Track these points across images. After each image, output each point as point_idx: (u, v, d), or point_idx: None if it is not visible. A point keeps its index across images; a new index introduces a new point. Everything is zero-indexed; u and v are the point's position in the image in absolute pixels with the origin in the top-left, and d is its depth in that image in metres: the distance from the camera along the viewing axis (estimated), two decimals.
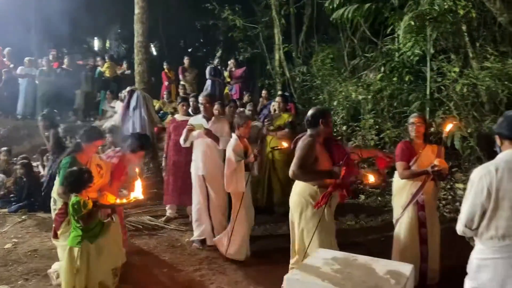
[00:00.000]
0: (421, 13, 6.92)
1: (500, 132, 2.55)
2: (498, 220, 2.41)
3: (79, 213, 3.35)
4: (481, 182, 2.43)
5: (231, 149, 4.77)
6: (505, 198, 2.38)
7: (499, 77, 6.59)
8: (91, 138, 3.91)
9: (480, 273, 2.49)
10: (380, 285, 2.62)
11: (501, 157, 2.48)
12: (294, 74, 10.78)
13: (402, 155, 4.06)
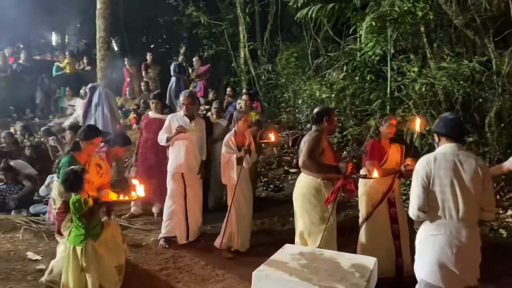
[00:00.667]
0: (382, 14, 7.12)
1: (438, 131, 3.03)
2: (436, 201, 2.86)
3: (80, 211, 3.35)
4: (424, 170, 2.89)
5: (224, 142, 4.94)
6: (441, 183, 2.84)
7: (455, 77, 6.90)
8: (90, 136, 3.87)
9: (424, 247, 2.95)
10: (346, 278, 2.69)
11: (439, 150, 2.97)
12: (259, 72, 10.84)
13: (373, 155, 4.15)
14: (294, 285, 2.68)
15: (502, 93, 6.71)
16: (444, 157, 2.88)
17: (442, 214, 2.86)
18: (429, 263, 2.90)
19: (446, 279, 2.84)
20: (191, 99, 5.31)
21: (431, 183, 2.86)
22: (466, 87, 6.76)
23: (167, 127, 5.24)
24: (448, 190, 2.82)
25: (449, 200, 2.83)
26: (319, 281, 2.65)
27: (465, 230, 2.83)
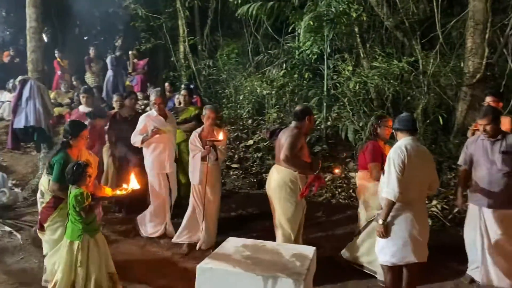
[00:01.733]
0: (319, 14, 7.39)
1: (397, 128, 3.56)
2: (408, 184, 3.33)
3: (81, 205, 3.34)
4: (399, 158, 3.35)
5: (189, 140, 4.99)
6: (412, 169, 3.34)
7: (386, 76, 7.31)
8: (77, 131, 3.84)
9: (396, 225, 3.43)
10: (287, 267, 2.82)
11: (404, 142, 3.44)
12: (200, 67, 10.78)
13: (375, 157, 4.12)
14: (238, 276, 2.77)
15: (427, 91, 7.22)
16: (412, 147, 3.41)
17: (411, 195, 3.38)
18: (402, 238, 3.40)
19: (417, 250, 3.42)
20: (162, 98, 5.33)
21: (404, 169, 3.33)
22: (395, 86, 7.19)
23: (142, 129, 5.16)
24: (414, 173, 3.35)
25: (415, 182, 3.38)
26: (262, 271, 2.76)
27: (423, 206, 3.56)
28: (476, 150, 3.99)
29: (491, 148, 3.88)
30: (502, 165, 3.81)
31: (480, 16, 7.02)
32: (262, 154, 7.66)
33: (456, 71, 7.28)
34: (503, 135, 3.89)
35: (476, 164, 3.99)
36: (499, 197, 3.83)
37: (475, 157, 4.00)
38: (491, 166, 3.85)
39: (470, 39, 7.15)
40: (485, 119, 3.84)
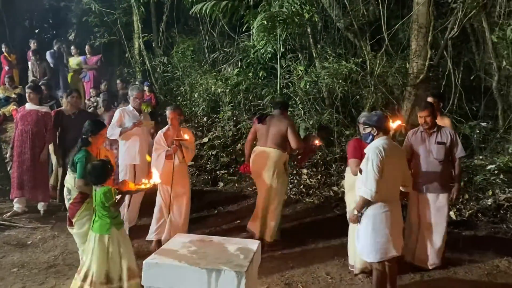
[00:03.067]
0: (272, 14, 7.54)
1: (376, 126, 3.58)
2: (387, 183, 3.46)
3: (110, 200, 3.52)
4: (378, 158, 3.43)
5: (154, 140, 5.08)
6: (390, 169, 3.46)
7: (335, 76, 7.58)
8: (96, 129, 4.06)
9: (378, 224, 3.51)
10: (231, 260, 2.95)
11: (381, 142, 3.53)
12: (155, 64, 10.69)
13: (354, 153, 4.27)
14: (183, 270, 2.86)
15: (374, 91, 7.57)
16: (389, 147, 3.52)
17: (389, 193, 3.53)
18: (384, 234, 3.52)
19: (396, 244, 3.57)
20: (141, 94, 5.53)
21: (384, 168, 3.44)
22: (344, 86, 7.48)
23: (117, 121, 5.24)
24: (392, 172, 3.50)
25: (392, 180, 3.54)
26: (206, 264, 2.87)
27: (398, 202, 3.66)
28: (415, 141, 4.45)
29: (428, 139, 4.39)
30: (437, 154, 4.33)
31: (423, 20, 7.39)
32: (217, 151, 7.75)
33: (402, 72, 7.66)
34: (438, 128, 4.41)
35: (415, 153, 4.44)
36: (434, 182, 4.33)
37: (414, 147, 4.45)
38: (428, 155, 4.35)
39: (414, 41, 7.52)
40: (426, 111, 4.35)
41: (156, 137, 5.06)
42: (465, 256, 4.67)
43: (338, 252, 4.75)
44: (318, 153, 7.31)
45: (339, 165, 7.13)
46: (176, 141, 4.86)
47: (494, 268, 4.51)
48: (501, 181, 5.97)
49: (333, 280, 4.25)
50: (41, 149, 5.79)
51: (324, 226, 5.68)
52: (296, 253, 4.85)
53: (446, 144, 4.34)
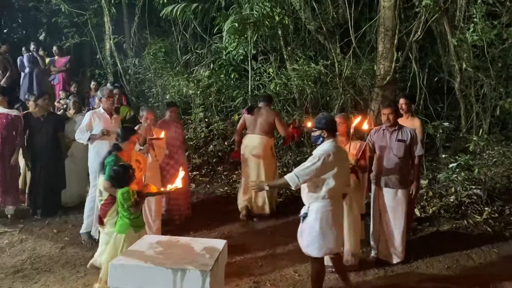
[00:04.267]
0: (243, 17, 7.63)
1: (327, 128, 3.66)
2: (332, 182, 3.57)
3: (128, 201, 3.68)
4: (324, 161, 3.51)
5: None
6: (339, 170, 3.58)
7: (306, 78, 7.73)
8: (128, 136, 4.24)
9: (325, 221, 3.62)
10: (196, 260, 3.01)
11: (331, 144, 3.63)
12: (127, 66, 10.62)
13: None
14: (149, 270, 2.91)
15: (343, 92, 7.76)
16: (337, 149, 3.65)
17: (335, 192, 3.64)
18: (331, 232, 3.65)
19: (339, 243, 3.80)
20: (112, 94, 5.59)
21: (328, 169, 3.54)
22: (314, 87, 7.64)
23: (87, 124, 5.15)
24: (338, 173, 3.59)
25: (340, 181, 3.64)
26: (172, 264, 2.93)
27: (341, 201, 3.83)
28: (378, 138, 4.68)
29: (389, 136, 4.60)
30: (397, 151, 4.54)
31: (390, 23, 7.62)
32: (189, 153, 7.78)
33: (370, 73, 7.87)
34: (399, 127, 4.62)
35: (377, 150, 4.67)
36: (393, 178, 4.55)
37: (376, 144, 4.67)
38: (389, 152, 4.57)
39: (381, 43, 7.74)
40: (389, 108, 4.59)
41: None
42: (427, 251, 4.84)
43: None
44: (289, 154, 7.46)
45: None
46: (150, 140, 4.89)
47: (454, 262, 4.71)
48: (462, 178, 6.21)
49: (301, 277, 4.36)
50: (11, 152, 5.71)
51: (294, 225, 5.76)
52: (266, 252, 4.94)
53: (406, 142, 4.53)
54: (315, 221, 3.63)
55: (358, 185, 4.52)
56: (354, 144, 4.45)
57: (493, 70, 7.05)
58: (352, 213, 4.43)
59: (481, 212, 5.87)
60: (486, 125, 7.15)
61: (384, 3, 7.54)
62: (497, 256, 4.83)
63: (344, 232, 4.34)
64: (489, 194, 6.08)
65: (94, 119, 5.19)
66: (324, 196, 3.59)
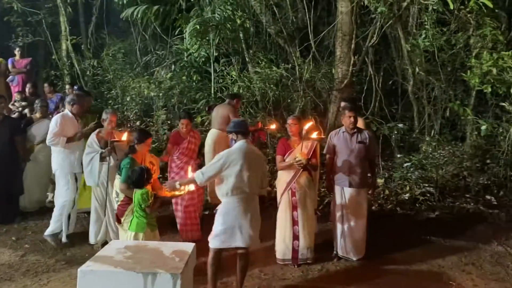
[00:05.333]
0: (204, 20, 7.67)
1: (236, 131, 3.94)
2: (234, 180, 3.74)
3: (146, 202, 3.90)
4: (228, 159, 3.76)
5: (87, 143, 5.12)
6: (239, 168, 3.72)
7: (268, 80, 7.88)
8: (143, 138, 4.40)
9: (225, 216, 3.82)
10: (166, 263, 3.05)
11: (240, 144, 3.87)
12: (84, 67, 10.36)
13: (279, 150, 4.83)
14: (119, 275, 2.92)
15: (304, 95, 7.97)
16: (241, 149, 3.82)
17: (241, 190, 3.78)
18: (231, 227, 3.80)
19: (245, 237, 3.82)
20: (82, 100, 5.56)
21: (231, 168, 3.74)
22: (276, 90, 7.80)
23: (59, 130, 5.07)
24: (243, 173, 3.75)
25: (244, 180, 3.76)
26: (142, 268, 2.95)
27: (252, 200, 3.89)
28: (339, 141, 4.85)
29: (350, 139, 4.79)
30: (358, 153, 4.75)
31: (347, 28, 7.91)
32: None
33: (329, 77, 8.13)
34: (358, 130, 4.85)
35: (339, 152, 4.83)
36: (356, 178, 4.74)
37: (338, 147, 4.85)
38: (351, 153, 4.76)
39: (339, 48, 8.03)
40: (353, 111, 4.82)
41: (88, 140, 5.02)
42: (384, 246, 5.08)
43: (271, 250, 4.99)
44: None
45: (272, 166, 7.40)
46: (112, 143, 4.85)
47: (410, 256, 4.97)
48: (416, 177, 6.57)
49: (266, 277, 4.48)
50: None
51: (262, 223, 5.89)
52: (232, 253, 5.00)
53: (366, 143, 4.78)
54: (219, 216, 3.87)
55: (311, 183, 4.82)
56: (305, 143, 4.71)
57: (443, 74, 7.49)
58: (306, 208, 4.73)
59: (434, 208, 6.22)
60: (437, 126, 7.58)
61: (341, 8, 7.82)
62: (449, 250, 5.15)
63: (299, 227, 4.68)
64: (440, 191, 6.46)
65: (65, 123, 5.13)
66: (228, 193, 3.79)
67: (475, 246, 5.26)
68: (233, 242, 3.84)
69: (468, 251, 5.11)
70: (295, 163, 4.59)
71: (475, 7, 6.43)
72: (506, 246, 5.25)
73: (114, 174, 4.92)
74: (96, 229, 5.10)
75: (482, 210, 6.17)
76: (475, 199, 6.40)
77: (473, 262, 4.83)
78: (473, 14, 6.72)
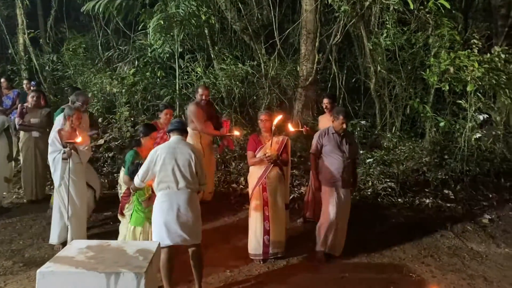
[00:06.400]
0: (168, 15, 7.55)
1: (170, 129, 4.04)
2: (165, 177, 3.82)
3: (143, 196, 4.07)
4: (155, 154, 3.86)
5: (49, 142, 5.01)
6: (165, 164, 3.81)
7: (233, 77, 7.87)
8: (148, 132, 4.46)
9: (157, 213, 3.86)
10: (130, 263, 2.99)
11: (171, 141, 3.97)
12: (43, 62, 9.99)
13: (250, 146, 4.83)
14: (80, 276, 2.84)
15: (269, 92, 8.00)
16: (169, 145, 3.93)
17: (167, 186, 3.83)
18: (160, 225, 3.83)
19: (175, 236, 3.82)
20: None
21: (157, 163, 3.82)
22: (242, 87, 7.79)
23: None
24: (168, 167, 3.82)
25: (169, 175, 3.82)
26: (105, 268, 2.88)
27: (183, 196, 3.84)
28: (329, 142, 4.81)
29: (340, 141, 4.81)
30: (349, 154, 4.79)
31: (311, 26, 8.02)
32: (114, 153, 7.55)
33: (294, 74, 8.20)
34: (345, 131, 4.85)
35: (329, 153, 4.79)
36: (348, 178, 4.80)
37: (328, 147, 4.80)
38: (342, 155, 4.76)
39: (304, 46, 8.12)
40: (346, 118, 4.81)
41: (50, 139, 4.88)
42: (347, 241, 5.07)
43: (237, 246, 5.00)
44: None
45: (238, 163, 7.42)
46: (70, 144, 4.71)
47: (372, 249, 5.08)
48: (378, 172, 6.74)
49: (232, 273, 4.48)
50: None
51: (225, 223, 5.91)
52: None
53: (353, 144, 4.88)
54: (153, 213, 3.93)
55: (282, 178, 4.84)
56: (276, 139, 4.74)
57: (404, 72, 7.71)
58: (276, 203, 4.75)
59: (395, 203, 6.41)
60: (398, 123, 7.80)
61: (306, 6, 7.91)
62: (409, 243, 5.32)
63: (270, 222, 4.68)
64: (401, 186, 6.65)
65: None
66: (157, 188, 3.88)
67: (434, 239, 5.46)
68: (163, 240, 3.79)
69: (427, 244, 5.30)
70: (265, 158, 4.62)
71: (433, 7, 6.65)
72: (462, 239, 5.47)
73: (80, 173, 4.93)
74: (59, 229, 4.95)
75: (440, 204, 6.40)
76: (434, 194, 6.61)
77: (432, 254, 5.01)
78: (432, 15, 6.93)
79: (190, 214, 3.88)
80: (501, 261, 4.89)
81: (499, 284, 4.38)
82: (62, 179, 4.85)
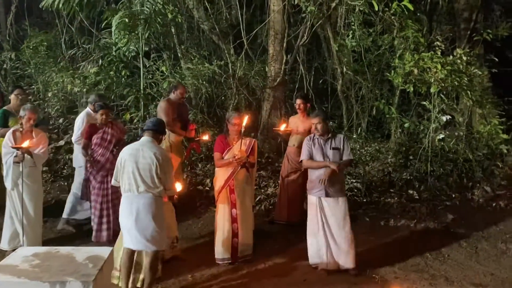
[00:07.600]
0: (133, 13, 7.34)
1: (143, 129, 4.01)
2: (126, 179, 3.81)
3: None
4: (121, 154, 3.87)
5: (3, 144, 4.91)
6: (128, 166, 3.79)
7: (201, 77, 7.73)
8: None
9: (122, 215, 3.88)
10: (78, 270, 2.82)
11: (139, 142, 3.93)
12: (2, 60, 9.57)
13: (217, 147, 4.75)
14: (22, 286, 2.67)
15: (237, 92, 7.91)
16: (130, 146, 3.94)
17: (128, 188, 3.80)
18: (122, 227, 3.89)
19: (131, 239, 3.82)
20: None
21: (121, 164, 3.83)
22: (209, 87, 7.67)
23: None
24: (130, 171, 3.78)
25: (131, 179, 3.78)
26: (50, 277, 2.72)
27: (142, 201, 3.78)
28: (313, 147, 4.57)
29: (324, 145, 4.54)
30: (333, 159, 4.45)
31: (279, 27, 7.96)
32: None
33: (262, 75, 8.14)
34: (332, 134, 4.62)
35: (314, 159, 4.54)
36: (333, 187, 4.44)
37: (313, 153, 4.55)
38: (325, 160, 4.47)
39: (272, 46, 8.06)
40: (317, 118, 4.52)
41: (4, 140, 4.69)
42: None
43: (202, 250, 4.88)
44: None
45: (205, 164, 7.29)
46: (22, 149, 4.49)
47: None
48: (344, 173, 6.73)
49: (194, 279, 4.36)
50: None
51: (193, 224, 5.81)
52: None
53: (340, 149, 4.52)
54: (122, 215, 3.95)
55: (249, 179, 4.82)
56: (244, 141, 4.69)
57: (370, 74, 7.77)
58: (245, 205, 4.71)
59: (360, 203, 6.42)
60: (364, 124, 7.85)
61: (273, 7, 7.85)
62: (374, 243, 5.33)
63: (238, 224, 4.63)
64: (367, 186, 6.68)
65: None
66: (122, 190, 3.89)
67: (398, 239, 5.48)
68: (125, 241, 3.87)
69: (392, 244, 5.31)
70: (235, 160, 4.54)
71: (398, 9, 6.70)
72: (426, 238, 5.52)
73: (35, 177, 4.75)
74: (10, 234, 4.77)
75: (405, 204, 6.45)
76: (399, 194, 6.67)
77: (396, 255, 5.01)
78: (396, 17, 6.98)
79: (151, 219, 3.78)
80: (462, 261, 4.95)
81: (460, 283, 4.42)
82: (15, 183, 4.64)
